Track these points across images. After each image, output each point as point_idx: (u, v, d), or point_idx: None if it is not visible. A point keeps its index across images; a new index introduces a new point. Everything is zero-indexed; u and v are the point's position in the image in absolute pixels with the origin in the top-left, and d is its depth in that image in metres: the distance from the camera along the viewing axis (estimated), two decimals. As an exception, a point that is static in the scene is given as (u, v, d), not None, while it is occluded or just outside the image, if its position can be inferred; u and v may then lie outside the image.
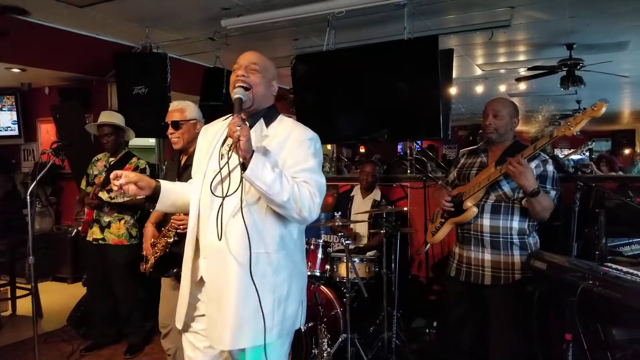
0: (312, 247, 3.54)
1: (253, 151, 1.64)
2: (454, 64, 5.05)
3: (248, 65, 1.82)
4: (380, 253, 3.50)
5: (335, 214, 3.43)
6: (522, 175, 2.28)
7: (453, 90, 5.78)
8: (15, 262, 4.69)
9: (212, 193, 1.75)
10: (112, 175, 1.79)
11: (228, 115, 1.93)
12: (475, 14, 4.80)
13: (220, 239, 1.72)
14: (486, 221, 2.52)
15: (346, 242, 3.19)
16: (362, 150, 10.84)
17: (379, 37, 4.95)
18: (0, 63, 5.21)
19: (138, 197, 1.88)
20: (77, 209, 3.73)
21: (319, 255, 3.53)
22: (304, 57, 4.75)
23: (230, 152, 1.74)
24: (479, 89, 8.25)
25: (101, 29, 5.33)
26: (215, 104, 5.25)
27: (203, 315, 1.86)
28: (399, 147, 7.60)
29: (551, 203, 2.44)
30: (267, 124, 1.85)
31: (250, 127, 1.79)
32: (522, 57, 6.56)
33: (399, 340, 3.36)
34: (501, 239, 2.50)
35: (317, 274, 3.52)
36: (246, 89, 1.77)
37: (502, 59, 6.70)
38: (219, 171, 1.74)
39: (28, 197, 3.03)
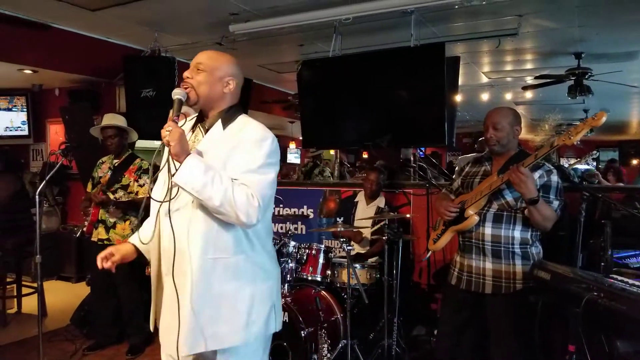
0: (313, 252, 3.56)
1: (188, 154, 1.63)
2: (460, 71, 5.06)
3: (195, 65, 1.80)
4: (381, 259, 3.51)
5: (338, 219, 3.43)
6: (523, 183, 2.28)
7: (458, 98, 5.78)
8: (22, 261, 4.74)
9: (151, 197, 1.77)
10: (100, 262, 1.86)
11: (193, 116, 1.93)
12: (483, 21, 4.81)
13: (154, 242, 1.79)
14: (488, 230, 2.51)
15: (348, 247, 3.20)
16: (364, 155, 10.84)
17: (385, 44, 4.97)
18: (12, 64, 5.27)
19: (139, 197, 1.90)
20: (85, 204, 3.76)
21: (321, 261, 3.54)
22: (310, 62, 4.79)
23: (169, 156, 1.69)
24: (485, 96, 8.23)
25: (111, 32, 5.40)
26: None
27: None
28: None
29: (553, 213, 2.42)
30: (225, 125, 1.80)
31: (208, 129, 1.81)
32: (529, 66, 6.55)
33: (399, 347, 3.36)
34: (502, 248, 2.49)
35: (318, 279, 3.53)
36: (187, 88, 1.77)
37: (508, 67, 6.70)
38: (156, 175, 1.77)
39: (37, 196, 3.07)
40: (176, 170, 1.62)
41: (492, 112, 2.62)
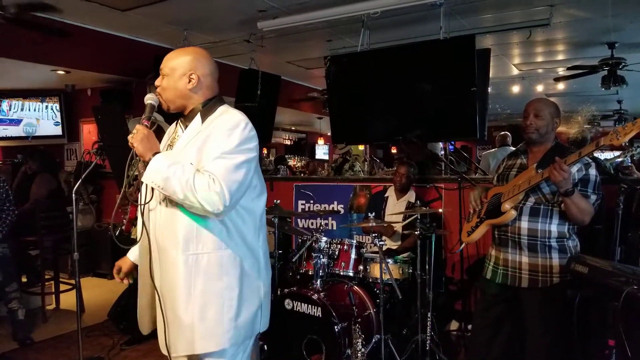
0: (345, 247, 3.55)
1: (155, 153, 1.65)
2: (491, 63, 4.97)
3: (161, 72, 1.81)
4: (414, 254, 3.48)
5: (369, 214, 3.42)
6: (564, 180, 2.24)
7: (489, 90, 5.70)
8: (59, 258, 4.87)
9: (128, 199, 1.84)
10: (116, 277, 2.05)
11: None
12: (513, 12, 4.72)
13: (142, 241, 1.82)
14: (524, 224, 2.48)
15: (380, 242, 3.19)
16: (393, 151, 10.78)
17: (414, 37, 4.93)
18: (46, 65, 5.42)
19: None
20: (122, 202, 3.81)
21: (352, 256, 3.53)
22: (337, 58, 4.77)
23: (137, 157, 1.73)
24: (516, 89, 8.10)
25: (141, 31, 5.49)
26: (250, 104, 5.32)
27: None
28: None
29: (590, 207, 2.37)
30: (204, 118, 1.79)
31: (186, 126, 1.82)
32: (561, 57, 6.41)
33: (432, 342, 3.33)
34: (539, 242, 2.46)
35: (351, 274, 3.52)
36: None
37: (540, 59, 6.57)
38: (135, 177, 1.80)
39: (73, 195, 3.15)
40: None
41: (535, 100, 2.58)
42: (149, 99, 1.79)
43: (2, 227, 3.88)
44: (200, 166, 1.66)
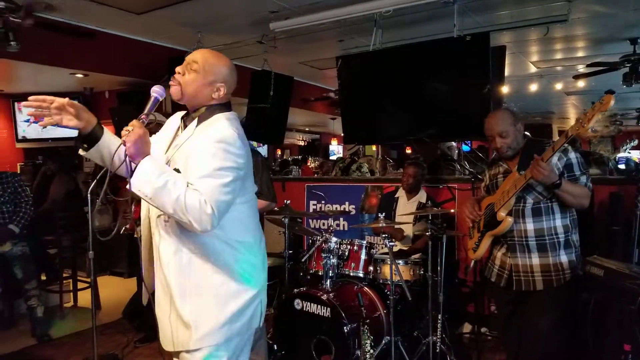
0: (355, 248, 3.53)
1: (145, 156, 1.58)
2: (507, 61, 4.90)
3: (189, 63, 1.76)
4: (425, 256, 3.45)
5: (379, 215, 3.40)
6: (545, 176, 2.28)
7: (505, 89, 5.60)
8: (77, 257, 4.96)
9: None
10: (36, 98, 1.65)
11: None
12: (530, 8, 4.63)
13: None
14: (530, 225, 2.49)
15: (390, 243, 3.16)
16: (408, 151, 10.70)
17: (427, 36, 4.87)
18: (65, 69, 5.52)
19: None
20: (124, 206, 3.88)
21: (362, 257, 3.52)
22: (349, 57, 4.76)
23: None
24: (534, 87, 7.95)
25: (156, 34, 5.56)
26: (263, 106, 5.34)
27: None
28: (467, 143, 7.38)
29: (583, 190, 2.42)
30: (200, 122, 1.77)
31: (186, 126, 1.80)
32: (580, 53, 6.28)
33: (443, 345, 3.29)
34: (547, 241, 2.47)
35: (361, 275, 3.50)
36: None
37: (558, 56, 6.44)
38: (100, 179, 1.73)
39: (89, 195, 3.20)
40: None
41: (491, 122, 2.60)
42: (155, 91, 1.71)
43: (18, 222, 3.97)
44: (187, 178, 1.63)
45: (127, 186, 1.60)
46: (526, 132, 2.76)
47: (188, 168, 1.66)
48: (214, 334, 1.71)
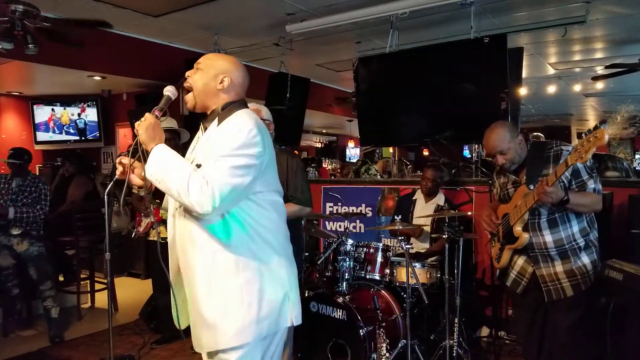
0: (371, 250, 3.51)
1: (158, 143, 1.68)
2: (524, 63, 4.86)
3: (195, 65, 1.87)
4: (442, 258, 3.42)
5: (396, 217, 3.38)
6: (551, 198, 2.29)
7: (523, 91, 5.54)
8: (95, 258, 5.01)
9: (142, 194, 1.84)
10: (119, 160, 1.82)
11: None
12: (547, 10, 4.59)
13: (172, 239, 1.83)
14: (548, 237, 2.49)
15: (407, 246, 3.14)
16: (425, 153, 10.65)
17: (444, 38, 4.85)
18: (84, 71, 5.60)
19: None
20: (142, 208, 3.87)
21: (379, 259, 3.49)
22: (366, 59, 4.75)
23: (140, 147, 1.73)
24: (552, 88, 7.87)
25: (173, 37, 5.61)
26: (280, 108, 5.35)
27: None
28: (465, 149, 7.38)
29: (592, 197, 2.41)
30: (220, 121, 1.79)
31: (206, 128, 1.84)
32: (599, 55, 6.20)
33: (460, 349, 3.26)
34: (568, 248, 2.47)
35: (377, 277, 3.48)
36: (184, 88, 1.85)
37: (577, 57, 6.37)
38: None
39: (106, 196, 3.23)
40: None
41: (489, 143, 2.58)
42: (168, 90, 1.83)
43: (20, 213, 4.02)
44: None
45: (143, 173, 1.68)
46: (535, 133, 2.75)
47: (207, 160, 1.69)
48: (241, 333, 1.71)
